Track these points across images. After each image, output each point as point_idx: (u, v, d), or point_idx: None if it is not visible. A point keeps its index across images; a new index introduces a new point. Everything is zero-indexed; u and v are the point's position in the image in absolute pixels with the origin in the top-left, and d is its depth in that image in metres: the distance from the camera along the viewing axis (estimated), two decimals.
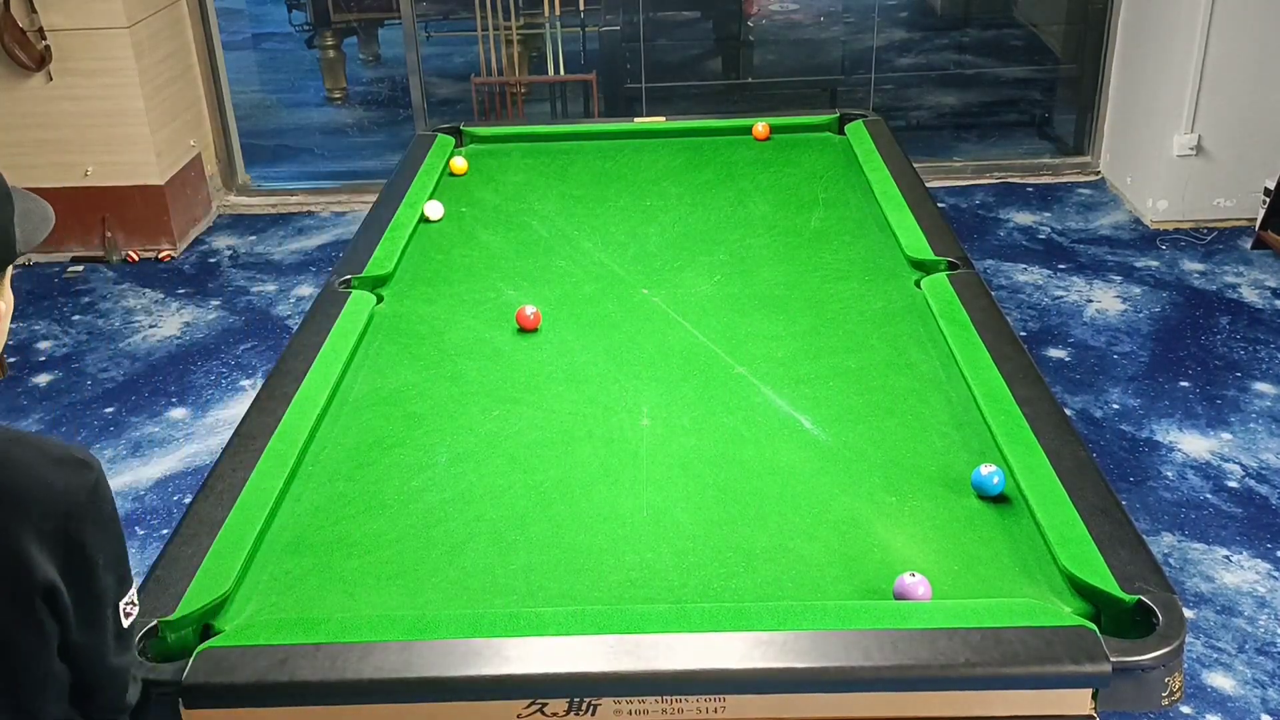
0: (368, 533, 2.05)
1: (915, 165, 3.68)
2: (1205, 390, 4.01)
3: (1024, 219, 5.45)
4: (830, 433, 2.31)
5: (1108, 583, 1.80)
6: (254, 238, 5.61)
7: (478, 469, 2.22)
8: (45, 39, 4.98)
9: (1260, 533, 3.31)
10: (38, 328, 4.78)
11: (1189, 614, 3.00)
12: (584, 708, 1.66)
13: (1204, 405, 3.92)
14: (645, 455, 2.25)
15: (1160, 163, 5.23)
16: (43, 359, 4.53)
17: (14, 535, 1.26)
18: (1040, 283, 4.83)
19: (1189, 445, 3.71)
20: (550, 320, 2.79)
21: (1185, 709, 2.75)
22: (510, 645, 1.70)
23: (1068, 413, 2.66)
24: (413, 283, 3.02)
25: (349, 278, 2.96)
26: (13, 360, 4.48)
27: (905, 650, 1.67)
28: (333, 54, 7.14)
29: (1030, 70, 6.89)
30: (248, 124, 6.44)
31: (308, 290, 4.99)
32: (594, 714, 1.66)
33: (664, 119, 4.16)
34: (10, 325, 1.38)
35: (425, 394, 2.50)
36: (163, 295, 5.04)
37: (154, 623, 1.75)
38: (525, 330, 2.76)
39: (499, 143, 4.02)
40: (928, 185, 3.51)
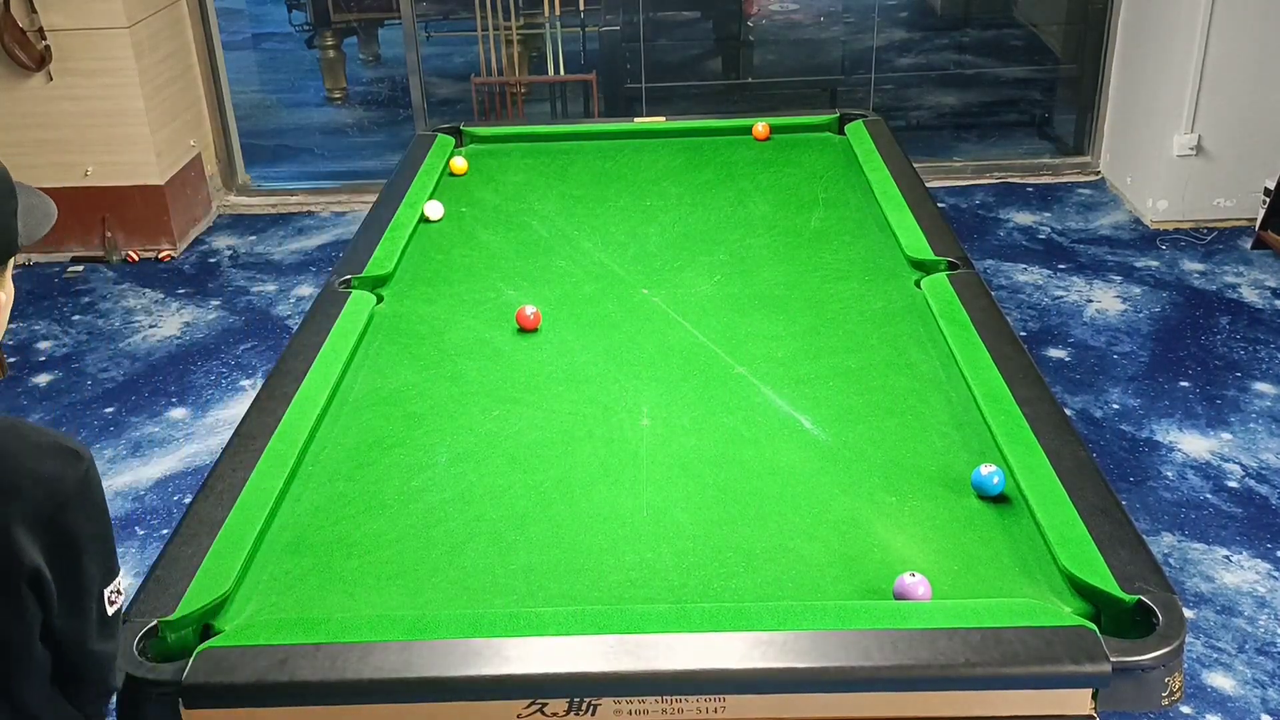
0: (368, 533, 2.05)
1: (915, 165, 3.68)
2: (1205, 390, 4.00)
3: (1024, 219, 5.45)
4: (830, 433, 2.31)
5: (1108, 583, 1.80)
6: (254, 238, 5.61)
7: (478, 469, 2.22)
8: (45, 39, 4.98)
9: (1260, 533, 3.31)
10: (38, 328, 4.78)
11: (1189, 614, 3.00)
12: (584, 708, 1.66)
13: (1204, 405, 3.92)
14: (645, 455, 2.25)
15: (1160, 163, 5.23)
16: (43, 359, 4.53)
17: (2, 521, 1.29)
18: (1040, 283, 4.83)
19: (1189, 445, 3.71)
20: (550, 320, 2.79)
21: (1185, 709, 2.75)
22: (510, 645, 1.70)
23: (1068, 413, 2.66)
24: (413, 283, 3.02)
25: (349, 278, 2.96)
26: (13, 360, 4.48)
27: (905, 650, 1.67)
28: (333, 54, 7.13)
29: (1030, 70, 6.88)
30: (248, 124, 6.44)
31: (308, 290, 4.99)
32: (594, 714, 1.66)
33: (664, 119, 4.16)
34: (10, 325, 1.39)
35: (425, 394, 2.50)
36: (163, 295, 5.04)
37: (154, 623, 1.75)
38: (525, 330, 2.76)
39: (499, 143, 4.02)
40: (928, 185, 3.51)
